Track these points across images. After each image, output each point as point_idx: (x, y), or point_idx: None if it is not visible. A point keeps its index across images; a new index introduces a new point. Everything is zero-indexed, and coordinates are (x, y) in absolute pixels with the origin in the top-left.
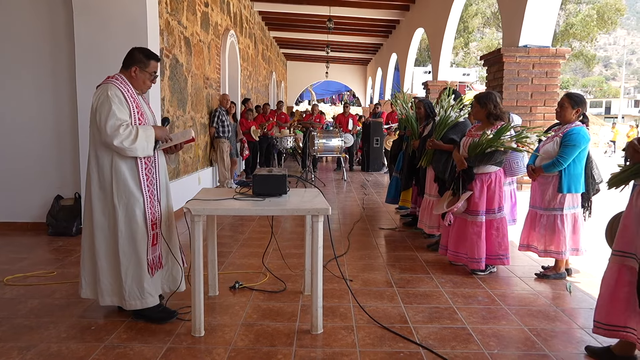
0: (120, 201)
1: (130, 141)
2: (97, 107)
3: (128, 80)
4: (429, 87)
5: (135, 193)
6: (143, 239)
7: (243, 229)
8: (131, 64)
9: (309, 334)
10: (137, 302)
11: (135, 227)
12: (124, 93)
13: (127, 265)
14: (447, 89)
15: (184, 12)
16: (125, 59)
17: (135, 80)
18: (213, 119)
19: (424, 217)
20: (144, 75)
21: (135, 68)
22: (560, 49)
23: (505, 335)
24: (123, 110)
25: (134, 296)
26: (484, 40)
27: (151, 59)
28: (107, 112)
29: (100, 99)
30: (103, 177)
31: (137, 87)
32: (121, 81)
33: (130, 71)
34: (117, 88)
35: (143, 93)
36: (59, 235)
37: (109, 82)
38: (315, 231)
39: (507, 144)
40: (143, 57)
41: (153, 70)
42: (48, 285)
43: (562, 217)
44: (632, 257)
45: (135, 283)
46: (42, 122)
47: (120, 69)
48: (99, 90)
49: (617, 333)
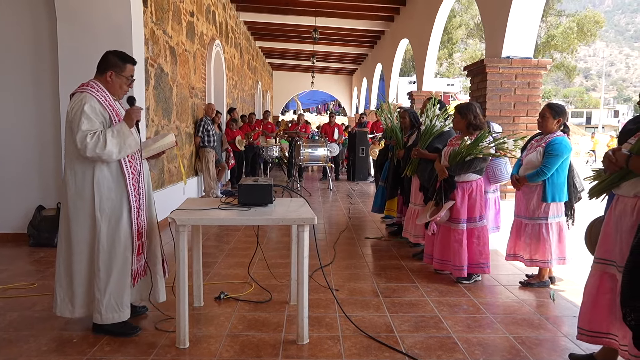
0: (103, 213)
1: (101, 147)
2: (72, 119)
3: (104, 86)
4: (414, 97)
5: (121, 204)
6: (128, 250)
7: (228, 239)
8: (106, 68)
9: (294, 344)
10: (115, 315)
11: (119, 239)
12: (100, 102)
13: (106, 280)
14: (433, 99)
15: (169, 21)
16: (99, 64)
17: (112, 86)
18: (198, 128)
19: (409, 226)
20: (120, 80)
21: (110, 73)
22: (542, 60)
23: (490, 344)
24: (93, 121)
25: (111, 309)
26: (468, 51)
27: (127, 62)
28: (77, 124)
29: (73, 110)
30: (82, 188)
31: (113, 93)
32: (97, 88)
33: (105, 76)
34: (92, 97)
35: (120, 99)
36: (40, 246)
37: (84, 90)
38: (301, 241)
39: (485, 151)
40: (119, 60)
41: (130, 74)
42: (28, 297)
43: (547, 226)
44: (612, 264)
45: (114, 297)
46: (24, 130)
47: (95, 74)
48: (73, 100)
49: (600, 339)
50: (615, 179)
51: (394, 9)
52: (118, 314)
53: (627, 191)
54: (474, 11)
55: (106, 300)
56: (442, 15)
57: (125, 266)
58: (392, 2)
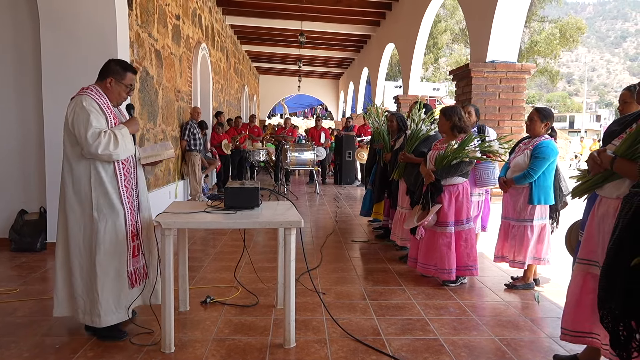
0: (100, 214)
1: (114, 146)
2: (74, 120)
3: (103, 91)
4: (400, 101)
5: (116, 205)
6: (123, 251)
7: (215, 243)
8: (107, 75)
9: (281, 348)
10: (113, 317)
11: (115, 239)
12: (99, 104)
13: (103, 280)
14: (419, 103)
15: (155, 24)
16: (101, 71)
17: (111, 92)
18: (184, 132)
19: (396, 230)
20: (120, 87)
21: (110, 79)
22: (526, 65)
23: (476, 346)
24: (100, 119)
25: (109, 311)
26: (453, 56)
27: (128, 70)
28: (86, 122)
29: (75, 111)
30: (79, 190)
31: (112, 99)
32: (96, 92)
33: (105, 82)
34: (92, 99)
35: (118, 105)
36: (22, 251)
37: (84, 93)
38: (287, 244)
39: (471, 154)
40: (119, 68)
41: (129, 82)
42: (9, 303)
43: (531, 228)
44: (595, 264)
45: (111, 298)
46: (6, 134)
47: (96, 80)
48: (73, 102)
49: (583, 339)
50: (599, 179)
51: (380, 13)
52: (116, 315)
53: (610, 192)
54: (459, 16)
55: (104, 301)
56: (427, 20)
57: (121, 267)
58: (378, 7)
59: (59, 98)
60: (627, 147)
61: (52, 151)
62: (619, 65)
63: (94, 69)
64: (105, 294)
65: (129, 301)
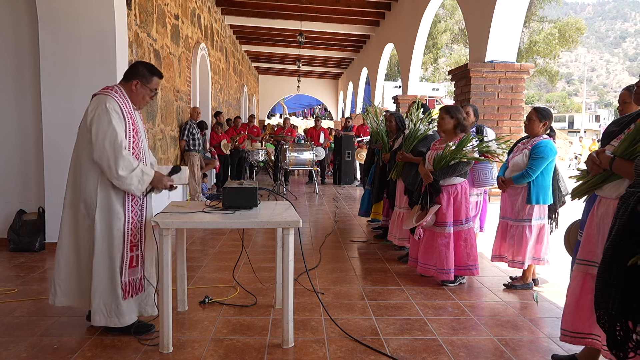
0: (101, 216)
1: (128, 170)
2: (93, 120)
3: (127, 93)
4: (399, 101)
5: (118, 212)
6: (118, 258)
7: (214, 243)
8: (133, 77)
9: (280, 348)
10: (102, 318)
11: (111, 245)
12: (121, 107)
13: (98, 280)
14: (416, 103)
15: (154, 24)
16: (127, 72)
17: (135, 95)
18: (183, 132)
19: (393, 230)
20: (145, 91)
21: (136, 82)
22: (525, 65)
23: (475, 346)
24: (120, 124)
25: (99, 312)
26: (453, 56)
27: (155, 75)
28: (106, 126)
29: (97, 112)
30: (88, 191)
31: (135, 102)
32: (120, 94)
33: (131, 84)
34: (114, 101)
35: (140, 109)
36: (20, 251)
37: (107, 93)
38: (286, 244)
39: (469, 155)
40: (147, 72)
41: (155, 86)
42: (7, 303)
43: (530, 228)
44: (595, 265)
45: (103, 301)
46: (4, 134)
47: (121, 80)
48: (96, 101)
49: (583, 340)
50: (598, 180)
51: (379, 13)
52: (106, 319)
53: (609, 193)
54: (459, 16)
55: (95, 304)
56: (426, 20)
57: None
58: (378, 7)
59: (57, 98)
60: (626, 148)
61: (51, 151)
62: (619, 65)
63: (93, 69)
64: (97, 295)
65: (118, 308)
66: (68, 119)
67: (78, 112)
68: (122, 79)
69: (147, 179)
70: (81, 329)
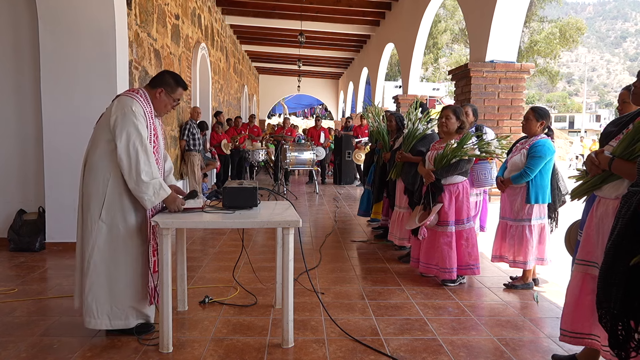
0: (107, 215)
1: (149, 177)
2: (117, 120)
3: (151, 99)
4: (400, 101)
5: (130, 214)
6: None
7: (214, 243)
8: (159, 85)
9: (279, 348)
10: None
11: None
12: (145, 112)
13: (92, 281)
14: (415, 102)
15: (154, 24)
16: (153, 79)
17: (158, 102)
18: (183, 132)
19: (394, 229)
20: (168, 100)
21: (161, 90)
22: (525, 65)
23: (475, 346)
24: (145, 131)
25: (89, 313)
26: (453, 56)
27: (180, 85)
28: (132, 129)
29: (122, 112)
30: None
31: (157, 109)
32: (144, 98)
33: (155, 91)
34: (139, 105)
35: (160, 116)
36: (20, 251)
37: (132, 96)
38: (285, 244)
39: (470, 152)
40: (172, 81)
41: (178, 97)
42: (8, 302)
43: (530, 228)
44: (594, 265)
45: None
46: (4, 133)
47: (146, 85)
48: (121, 102)
49: (582, 340)
50: (597, 180)
51: (380, 13)
52: (97, 320)
53: (608, 193)
54: (459, 16)
55: (87, 303)
56: (427, 20)
57: (123, 275)
58: (378, 7)
59: (58, 98)
60: (624, 148)
61: (51, 150)
62: (619, 65)
63: (93, 68)
64: (90, 295)
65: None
66: (68, 119)
67: (78, 111)
68: (147, 84)
69: (163, 194)
70: (81, 329)
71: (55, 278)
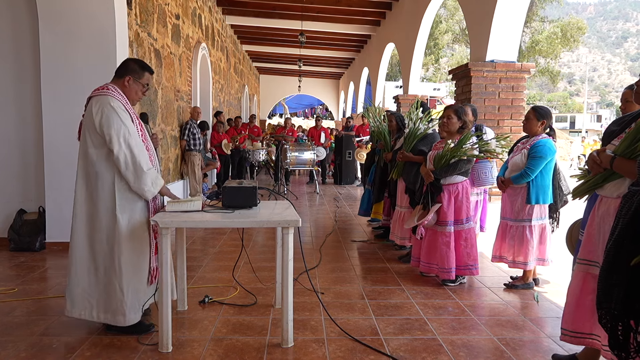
0: (123, 212)
1: (147, 167)
2: (103, 121)
3: (121, 90)
4: (400, 100)
5: (139, 202)
6: (146, 248)
7: (214, 243)
8: (125, 73)
9: (279, 347)
10: (136, 315)
11: (138, 235)
12: (122, 104)
13: (129, 278)
14: (416, 102)
15: (154, 24)
16: (118, 69)
17: (129, 91)
18: (184, 131)
19: (395, 229)
20: (137, 86)
21: (128, 78)
22: (526, 64)
23: (475, 346)
24: (128, 120)
25: (134, 310)
26: (454, 57)
27: (145, 70)
28: (119, 125)
29: (103, 112)
30: (102, 189)
31: (129, 97)
32: (117, 93)
33: (123, 80)
34: (115, 99)
35: (134, 104)
36: (21, 250)
37: (106, 93)
38: (285, 243)
39: (469, 153)
40: (137, 67)
41: (146, 81)
42: (8, 302)
43: (530, 228)
44: (595, 265)
45: (134, 295)
46: (4, 133)
47: (112, 78)
48: (98, 103)
49: (583, 340)
50: (599, 179)
51: (380, 13)
52: (138, 313)
53: (610, 192)
54: (460, 17)
55: (130, 300)
56: (427, 20)
57: (144, 264)
58: (378, 7)
59: (58, 98)
60: (626, 147)
61: (51, 150)
62: (620, 65)
63: (93, 68)
64: (130, 292)
65: (145, 299)
66: (68, 119)
67: (78, 111)
68: (113, 77)
69: (160, 183)
70: (80, 329)
71: (55, 278)
